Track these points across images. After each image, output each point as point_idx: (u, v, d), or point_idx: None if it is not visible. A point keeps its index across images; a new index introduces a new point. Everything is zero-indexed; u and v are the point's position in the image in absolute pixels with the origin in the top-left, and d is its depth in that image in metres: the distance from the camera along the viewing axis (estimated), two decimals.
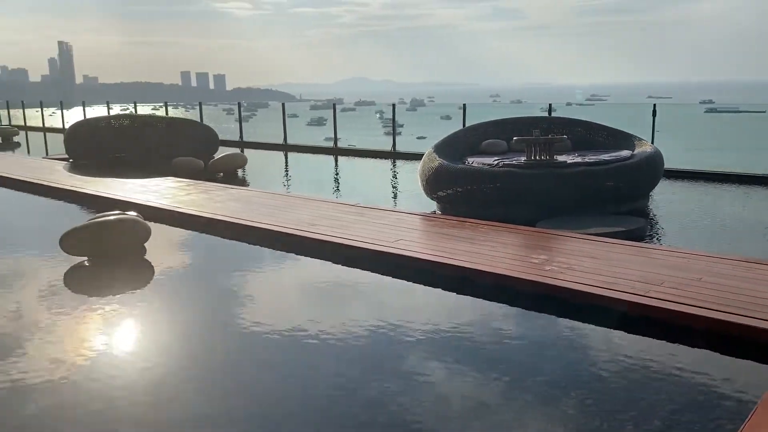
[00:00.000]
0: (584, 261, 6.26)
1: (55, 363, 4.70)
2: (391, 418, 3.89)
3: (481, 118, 13.86)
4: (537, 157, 9.46)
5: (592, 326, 5.18)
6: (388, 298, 6.28)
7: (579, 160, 9.68)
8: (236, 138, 22.15)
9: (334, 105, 21.41)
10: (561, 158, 9.64)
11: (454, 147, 10.75)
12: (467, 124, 15.04)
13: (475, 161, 9.89)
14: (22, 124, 31.35)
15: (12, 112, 33.69)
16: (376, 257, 6.87)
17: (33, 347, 5.06)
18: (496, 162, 9.65)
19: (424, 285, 6.33)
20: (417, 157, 16.47)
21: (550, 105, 16.11)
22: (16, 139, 26.59)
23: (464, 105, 17.12)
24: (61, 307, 5.98)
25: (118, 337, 5.38)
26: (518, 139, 9.74)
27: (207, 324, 5.65)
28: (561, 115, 14.34)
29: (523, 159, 9.58)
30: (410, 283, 6.44)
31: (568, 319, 5.35)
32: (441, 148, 10.32)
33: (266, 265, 7.53)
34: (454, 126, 15.63)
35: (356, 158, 18.32)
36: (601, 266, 6.08)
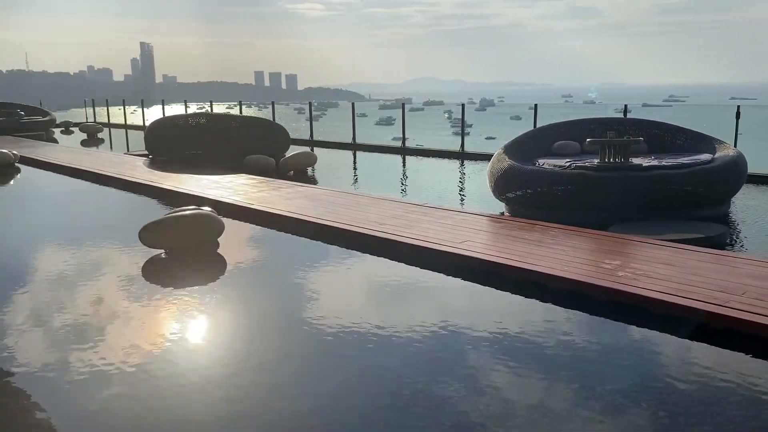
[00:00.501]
0: (659, 268, 6.04)
1: (132, 349, 4.92)
2: (454, 420, 3.87)
3: (552, 118, 13.59)
4: (611, 160, 9.19)
5: (666, 336, 4.99)
6: (452, 299, 6.24)
7: (655, 163, 9.34)
8: (307, 137, 22.54)
9: (403, 105, 21.45)
10: (636, 161, 9.33)
11: (524, 148, 10.58)
12: (538, 125, 14.77)
13: (546, 163, 9.70)
14: (106, 121, 32.92)
15: (96, 109, 35.39)
16: (442, 257, 6.84)
17: (111, 333, 5.31)
18: (568, 164, 9.43)
19: (490, 287, 6.26)
20: (485, 157, 16.33)
21: (625, 106, 15.61)
22: (100, 135, 27.97)
23: (535, 105, 16.82)
24: (139, 297, 6.25)
25: (189, 327, 5.58)
26: (592, 141, 9.49)
27: (274, 318, 5.78)
28: (637, 117, 13.87)
29: (596, 161, 9.33)
30: (476, 284, 6.38)
31: (641, 328, 5.18)
32: (511, 149, 10.18)
33: (333, 262, 7.63)
34: (525, 127, 15.39)
35: (424, 158, 18.31)
36: (678, 274, 5.85)
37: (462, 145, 17.79)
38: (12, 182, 14.69)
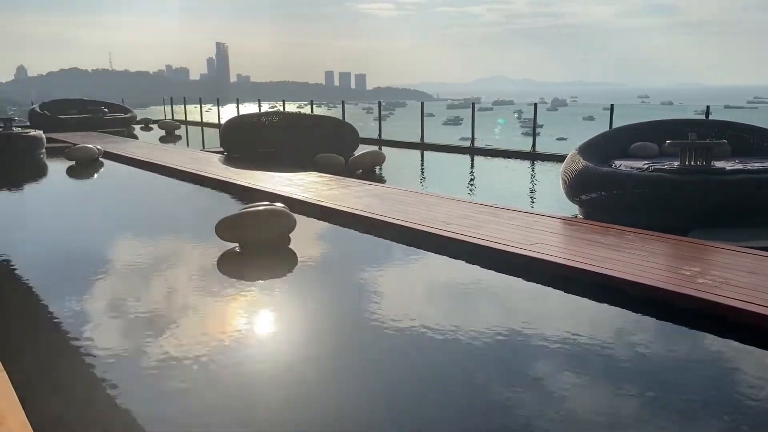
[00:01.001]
0: (743, 276, 5.76)
1: (206, 338, 5.09)
2: (517, 426, 3.81)
3: (628, 119, 13.18)
4: (692, 163, 8.83)
5: (748, 347, 4.76)
6: (521, 302, 6.16)
7: (740, 167, 8.90)
8: (375, 136, 22.70)
9: (473, 104, 21.28)
10: (719, 164, 8.93)
11: (600, 149, 10.30)
12: (614, 126, 14.35)
13: (623, 164, 9.41)
14: (183, 118, 34.15)
15: (174, 107, 36.73)
16: (512, 259, 6.75)
17: (189, 322, 5.52)
18: (646, 166, 9.12)
19: (562, 291, 6.14)
20: (557, 158, 16.01)
21: (707, 107, 14.96)
22: (177, 132, 29.04)
23: (611, 105, 16.34)
24: (213, 288, 6.46)
25: (260, 319, 5.72)
26: (672, 143, 9.14)
27: (342, 313, 5.86)
28: (719, 118, 13.26)
29: (676, 164, 8.98)
30: (547, 288, 6.27)
31: (721, 338, 4.96)
32: (586, 150, 9.93)
33: (400, 260, 7.66)
34: (598, 127, 15.00)
35: (493, 158, 18.11)
36: (762, 282, 5.56)
37: (533, 146, 17.50)
38: (96, 176, 15.45)
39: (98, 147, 17.10)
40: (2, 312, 5.65)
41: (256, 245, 7.79)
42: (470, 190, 13.52)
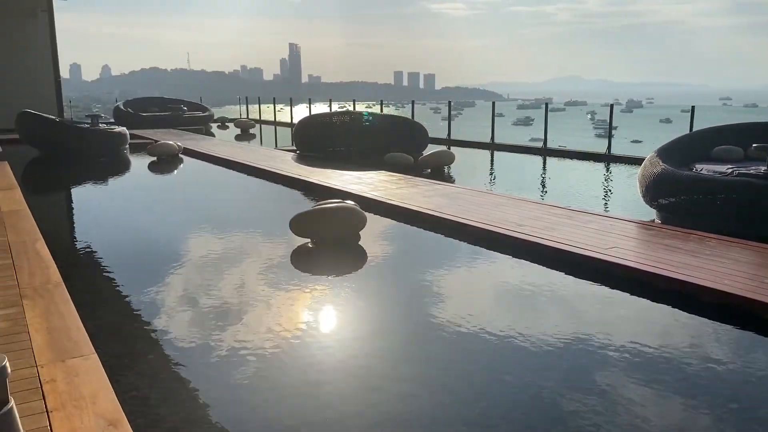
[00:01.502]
0: None
1: (276, 328, 5.24)
2: None
3: (709, 122, 12.62)
4: None
5: None
6: (595, 307, 6.02)
7: None
8: (442, 136, 22.64)
9: (546, 104, 20.89)
10: None
11: (680, 152, 9.94)
12: (694, 129, 13.79)
13: (705, 168, 9.04)
14: (257, 117, 35.05)
15: (248, 106, 37.74)
16: (587, 263, 6.61)
17: (259, 314, 5.69)
18: (730, 170, 8.73)
19: (639, 297, 5.97)
20: (633, 161, 15.55)
21: None
22: (252, 131, 29.85)
23: (692, 107, 15.71)
24: (286, 282, 6.63)
25: (329, 312, 5.83)
26: (759, 147, 8.72)
27: (409, 312, 5.89)
28: None
29: (763, 168, 8.55)
30: (623, 293, 6.11)
31: None
32: (665, 153, 9.59)
33: (469, 261, 7.63)
34: (675, 130, 14.48)
35: (566, 160, 17.74)
36: None
37: (609, 148, 17.03)
38: (176, 171, 16.09)
39: (178, 144, 17.79)
40: (93, 299, 5.98)
41: (328, 241, 7.94)
42: (543, 191, 13.30)
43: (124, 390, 3.85)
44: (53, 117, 20.07)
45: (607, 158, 16.74)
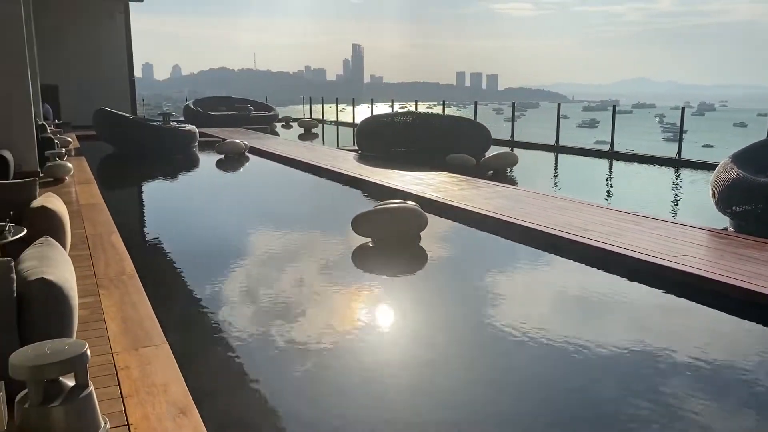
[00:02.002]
0: None
1: (335, 324, 5.31)
2: None
3: None
4: None
5: None
6: (662, 317, 5.83)
7: None
8: (504, 137, 22.37)
9: (614, 107, 20.34)
10: None
11: (757, 158, 9.50)
12: None
13: None
14: (320, 117, 35.54)
15: (312, 106, 38.29)
16: (654, 270, 6.42)
17: (320, 309, 5.78)
18: None
19: (709, 307, 5.76)
20: (705, 166, 14.98)
21: None
22: (314, 130, 30.29)
23: None
24: (346, 280, 6.72)
25: (387, 313, 5.87)
26: None
27: (468, 315, 5.85)
28: None
29: None
30: (691, 302, 5.91)
31: None
32: (741, 158, 9.20)
33: (531, 265, 7.53)
34: (750, 134, 13.84)
35: (633, 164, 17.24)
36: None
37: (679, 152, 16.44)
38: (242, 169, 16.50)
39: (245, 142, 18.23)
40: (164, 292, 6.22)
41: (388, 241, 7.98)
42: (609, 196, 12.97)
43: (193, 379, 3.99)
44: (127, 115, 20.94)
45: (677, 163, 16.17)
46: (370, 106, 30.93)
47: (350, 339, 5.11)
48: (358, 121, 21.07)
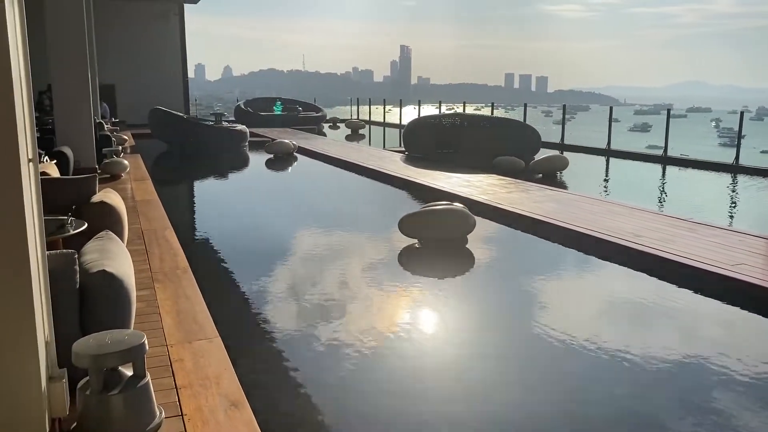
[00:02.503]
0: None
1: (379, 324, 5.33)
2: None
3: None
4: None
5: None
6: (718, 328, 5.66)
7: None
8: (555, 140, 22.04)
9: (668, 110, 19.83)
10: None
11: None
12: None
13: None
14: (367, 118, 35.71)
15: (359, 107, 38.50)
16: (710, 279, 6.22)
17: (365, 309, 5.81)
18: None
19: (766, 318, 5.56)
20: (764, 172, 14.46)
21: None
22: (361, 131, 30.45)
23: None
24: (392, 280, 6.74)
25: (432, 314, 5.86)
26: None
27: (513, 320, 5.79)
28: None
29: None
30: (750, 314, 5.71)
31: None
32: None
33: (580, 271, 7.41)
34: None
35: (688, 169, 16.76)
36: None
37: (737, 158, 15.90)
38: (290, 169, 16.73)
39: (293, 142, 18.47)
40: (216, 287, 6.36)
41: (435, 243, 7.97)
42: (662, 201, 12.65)
43: (243, 373, 4.07)
44: (181, 114, 21.47)
45: (734, 169, 15.65)
46: (417, 107, 30.92)
47: (395, 339, 5.12)
48: (404, 122, 21.07)
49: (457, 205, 8.52)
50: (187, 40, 29.51)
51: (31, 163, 2.64)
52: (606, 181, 16.10)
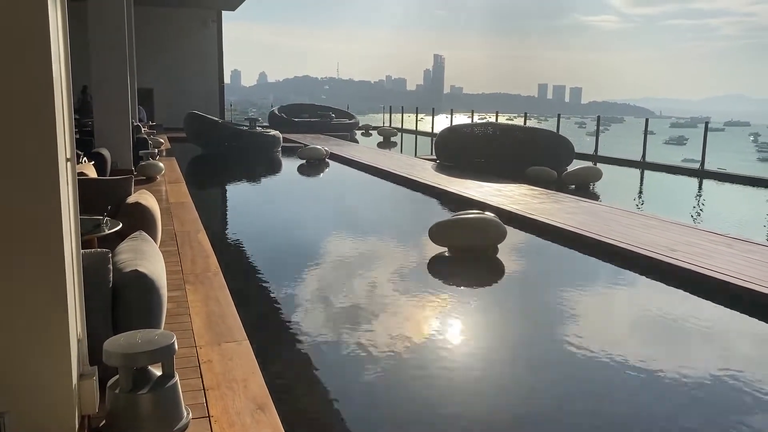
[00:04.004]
0: None
1: (406, 332, 5.29)
2: None
3: None
4: None
5: None
6: (754, 346, 5.49)
7: None
8: (589, 151, 21.76)
9: (706, 123, 19.43)
10: None
11: None
12: None
13: None
14: (399, 126, 35.78)
15: (391, 115, 38.60)
16: (748, 296, 6.05)
17: (392, 318, 5.78)
18: None
19: None
20: None
21: None
22: (393, 139, 30.50)
23: None
24: (421, 288, 6.69)
25: (460, 324, 5.80)
26: None
27: (542, 334, 5.70)
28: None
29: None
30: None
31: None
32: None
33: (613, 284, 7.26)
34: None
35: (726, 183, 16.39)
36: None
37: None
38: (322, 175, 16.82)
39: (325, 148, 18.59)
40: (247, 290, 6.41)
41: (466, 251, 7.91)
42: (698, 215, 12.37)
43: (269, 376, 4.08)
44: (216, 119, 21.79)
45: None
46: (449, 116, 30.86)
47: (422, 348, 5.08)
48: (437, 130, 21.04)
49: (488, 214, 8.45)
50: (224, 46, 29.98)
51: (69, 163, 2.68)
52: (640, 193, 15.82)
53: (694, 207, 13.58)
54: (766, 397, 4.34)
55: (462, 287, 7.00)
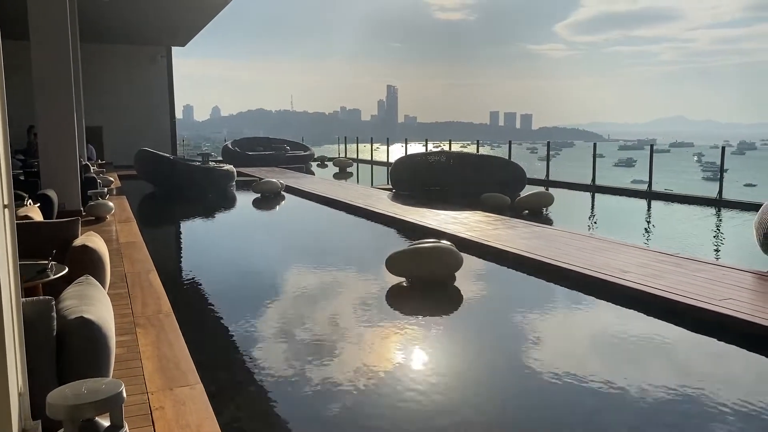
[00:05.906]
0: None
1: (361, 367, 5.24)
2: None
3: None
4: None
5: None
6: (706, 363, 5.62)
7: None
8: (541, 176, 22.22)
9: (651, 146, 20.10)
10: None
11: None
12: None
13: None
14: (355, 156, 35.92)
15: (346, 146, 38.75)
16: (697, 314, 6.21)
17: (346, 350, 5.72)
18: None
19: (757, 354, 5.53)
20: (747, 206, 14.62)
21: None
22: (349, 169, 30.58)
23: None
24: (379, 320, 6.65)
25: (420, 354, 5.77)
26: None
27: (501, 359, 5.72)
28: None
29: None
30: (739, 348, 5.69)
31: None
32: None
33: (568, 308, 7.36)
34: None
35: (673, 204, 16.92)
36: None
37: (720, 192, 16.07)
38: (277, 208, 16.70)
39: (281, 181, 18.49)
40: (200, 331, 6.25)
41: (423, 281, 7.92)
42: (648, 237, 12.71)
43: (226, 421, 3.96)
44: (167, 155, 21.47)
45: (718, 203, 15.81)
46: (404, 145, 31.16)
47: (383, 380, 5.03)
48: (392, 159, 21.20)
49: (445, 242, 8.50)
50: (175, 81, 29.72)
51: (6, 210, 2.59)
52: (592, 216, 16.19)
53: (644, 228, 13.95)
54: (712, 410, 4.43)
55: (420, 317, 6.98)
